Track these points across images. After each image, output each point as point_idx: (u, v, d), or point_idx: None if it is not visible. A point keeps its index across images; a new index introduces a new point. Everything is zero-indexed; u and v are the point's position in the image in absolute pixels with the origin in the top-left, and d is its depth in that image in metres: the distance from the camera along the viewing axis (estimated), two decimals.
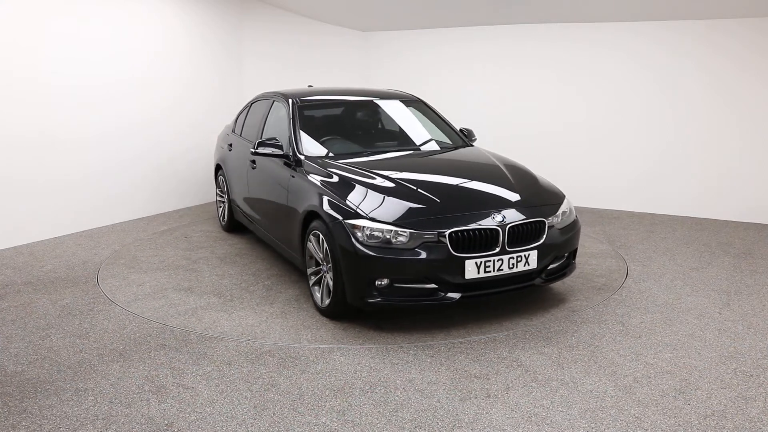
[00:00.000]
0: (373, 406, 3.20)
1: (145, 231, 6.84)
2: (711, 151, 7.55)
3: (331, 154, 5.07)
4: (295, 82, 8.36)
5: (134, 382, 3.44)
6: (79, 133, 6.67)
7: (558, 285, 5.06)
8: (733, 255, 5.98)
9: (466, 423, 3.04)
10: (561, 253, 4.44)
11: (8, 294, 4.87)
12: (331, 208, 4.20)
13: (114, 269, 5.50)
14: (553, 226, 4.33)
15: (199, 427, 3.00)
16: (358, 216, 4.03)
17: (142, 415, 3.11)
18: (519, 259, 4.09)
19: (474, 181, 4.62)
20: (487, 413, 3.12)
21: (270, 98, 6.06)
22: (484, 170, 4.86)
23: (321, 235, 4.23)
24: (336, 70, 9.61)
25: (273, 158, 5.21)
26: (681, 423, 3.04)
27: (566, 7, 7.72)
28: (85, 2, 6.61)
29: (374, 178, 4.46)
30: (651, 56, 7.73)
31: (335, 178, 4.51)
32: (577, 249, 4.68)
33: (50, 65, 6.32)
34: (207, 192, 8.43)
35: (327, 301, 4.28)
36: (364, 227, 3.97)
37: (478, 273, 3.97)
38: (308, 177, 4.66)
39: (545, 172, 8.60)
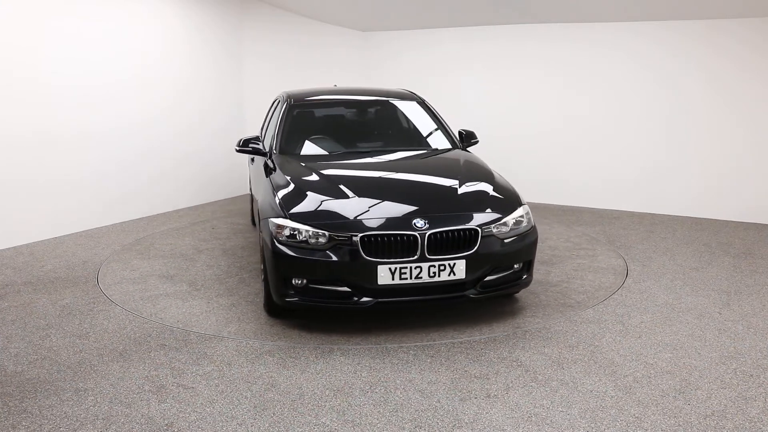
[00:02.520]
0: (373, 406, 3.20)
1: (145, 231, 6.84)
2: (711, 151, 7.56)
3: (303, 154, 5.17)
4: (295, 83, 8.36)
5: (134, 382, 3.44)
6: (80, 133, 6.67)
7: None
8: (733, 255, 5.98)
9: (466, 423, 3.04)
10: (506, 264, 4.15)
11: (8, 294, 4.87)
12: (266, 206, 4.33)
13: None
14: (491, 235, 4.05)
15: (199, 427, 3.00)
16: (280, 215, 4.07)
17: (142, 415, 3.10)
18: (442, 267, 3.88)
19: (417, 187, 4.50)
20: (487, 413, 3.12)
21: (280, 97, 6.15)
22: (438, 176, 4.70)
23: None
24: (336, 70, 9.61)
25: (261, 156, 5.38)
26: (681, 423, 3.04)
27: (566, 7, 7.72)
28: (85, 2, 6.61)
29: (317, 179, 4.48)
30: (651, 56, 7.73)
31: (285, 177, 4.56)
32: (532, 261, 4.36)
33: (50, 65, 6.32)
34: (207, 191, 8.43)
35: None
36: (284, 226, 3.99)
37: (393, 279, 3.83)
38: (271, 174, 4.76)
39: (545, 172, 8.64)
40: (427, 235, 3.86)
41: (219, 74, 8.39)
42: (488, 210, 4.19)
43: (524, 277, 4.32)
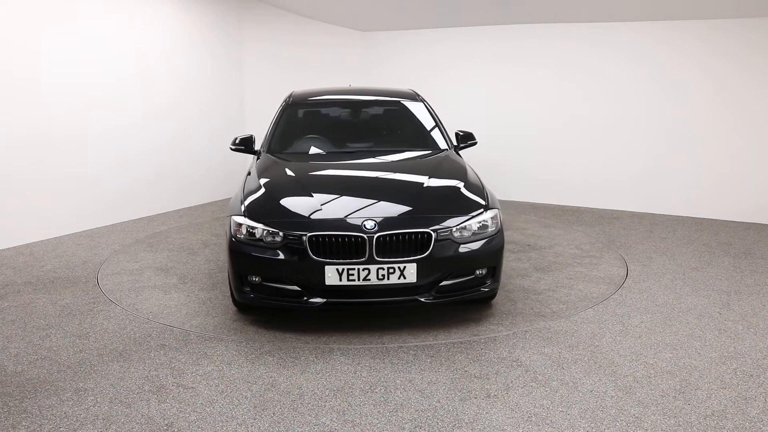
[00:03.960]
0: (373, 406, 3.20)
1: (145, 231, 6.84)
2: (711, 151, 7.56)
3: (289, 153, 5.24)
4: (295, 83, 8.36)
5: (134, 382, 3.44)
6: (80, 132, 6.67)
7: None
8: (733, 255, 5.98)
9: (466, 423, 3.04)
10: (465, 269, 4.06)
11: (8, 294, 4.87)
12: (233, 203, 4.41)
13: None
14: (448, 238, 3.96)
15: (199, 427, 3.00)
16: (240, 213, 4.14)
17: (142, 415, 3.10)
18: (391, 270, 3.84)
19: (382, 188, 4.47)
20: (487, 413, 3.12)
21: (286, 96, 6.19)
22: (406, 178, 4.65)
23: None
24: (335, 70, 9.61)
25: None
26: (681, 423, 3.04)
27: (566, 7, 7.72)
28: (85, 2, 6.61)
29: (284, 179, 4.54)
30: (651, 56, 7.73)
31: (257, 176, 4.64)
32: (496, 267, 4.20)
33: (50, 65, 6.32)
34: (207, 191, 8.43)
35: None
36: (242, 224, 4.06)
37: (340, 280, 3.83)
38: (249, 173, 4.84)
39: (545, 172, 8.64)
40: (375, 237, 3.83)
41: (219, 74, 8.39)
42: (450, 212, 4.11)
43: (487, 282, 4.18)
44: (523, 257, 5.84)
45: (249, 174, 4.84)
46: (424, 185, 4.40)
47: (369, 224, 3.88)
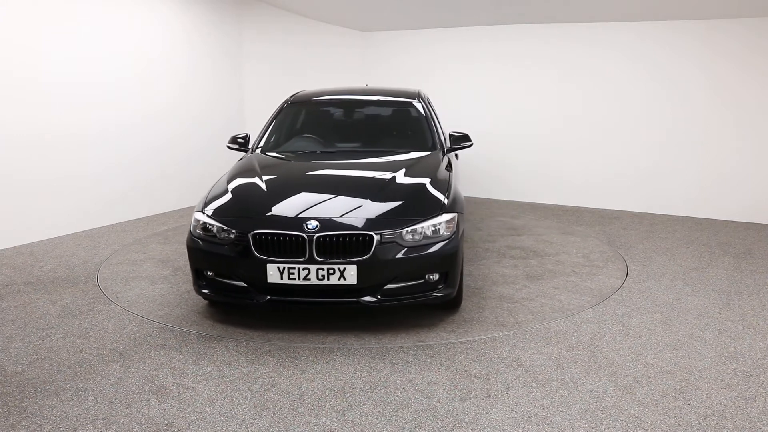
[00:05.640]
0: (373, 406, 3.20)
1: (145, 231, 6.84)
2: (711, 151, 7.56)
3: (275, 152, 5.34)
4: (294, 83, 8.37)
5: (134, 382, 3.44)
6: (79, 132, 6.67)
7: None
8: (733, 255, 5.98)
9: (466, 423, 3.04)
10: (413, 273, 3.97)
11: (8, 294, 4.87)
12: (200, 200, 4.51)
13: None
14: (392, 242, 3.89)
15: (199, 427, 3.00)
16: (199, 209, 4.31)
17: (142, 415, 3.10)
18: (331, 271, 3.83)
19: (338, 189, 4.44)
20: (487, 413, 3.12)
21: None
22: (369, 179, 4.66)
23: None
24: (335, 70, 9.61)
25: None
26: (681, 423, 3.04)
27: (566, 7, 7.72)
28: (85, 2, 6.61)
29: (250, 177, 4.61)
30: (651, 56, 7.74)
31: (229, 173, 4.78)
32: (449, 273, 4.07)
33: (50, 65, 6.32)
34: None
35: None
36: (199, 220, 4.21)
37: (281, 279, 3.87)
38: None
39: (545, 172, 8.64)
40: (315, 237, 3.85)
41: (218, 74, 8.39)
42: (401, 214, 4.06)
43: (439, 287, 4.06)
44: (520, 264, 5.65)
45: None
46: (383, 188, 4.38)
47: (311, 224, 3.91)
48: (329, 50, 9.61)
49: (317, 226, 3.89)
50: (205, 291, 4.19)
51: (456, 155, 6.09)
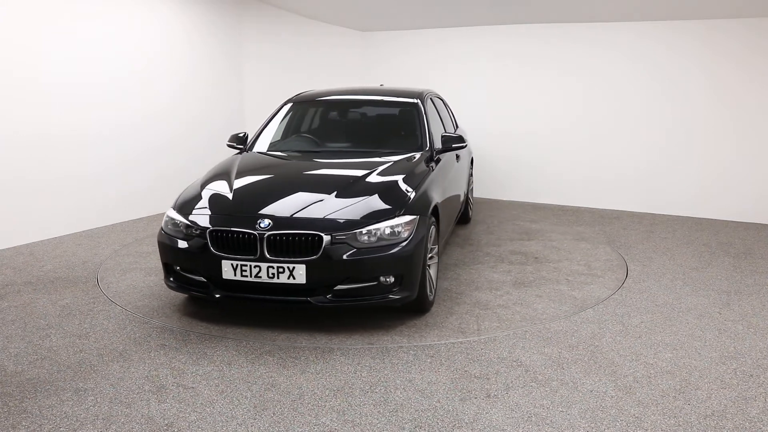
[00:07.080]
0: (373, 406, 3.20)
1: (145, 231, 6.84)
2: (711, 151, 7.56)
3: (265, 151, 5.43)
4: (294, 83, 8.37)
5: (134, 382, 3.44)
6: (79, 132, 6.67)
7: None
8: (733, 255, 5.98)
9: (466, 423, 3.04)
10: (364, 275, 3.93)
11: (8, 294, 4.87)
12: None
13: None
14: (343, 242, 3.87)
15: (199, 427, 3.00)
16: (172, 206, 4.44)
17: (142, 415, 3.10)
18: (281, 270, 3.87)
19: (303, 188, 4.48)
20: (487, 413, 3.12)
21: None
22: (338, 177, 4.69)
23: None
24: (335, 70, 9.61)
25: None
26: (681, 423, 3.04)
27: (566, 7, 7.72)
28: (85, 2, 6.61)
29: (223, 175, 4.70)
30: (651, 56, 7.74)
31: (209, 172, 4.87)
32: (405, 276, 4.00)
33: (50, 65, 6.32)
34: None
35: None
36: (170, 217, 4.34)
37: (235, 275, 3.95)
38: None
39: (545, 172, 8.64)
40: (266, 235, 3.90)
41: (218, 74, 8.39)
42: (357, 215, 4.03)
43: (395, 290, 4.01)
44: (514, 270, 5.49)
45: None
46: (348, 186, 4.36)
47: (264, 223, 3.97)
48: (329, 50, 9.61)
49: (270, 224, 3.96)
50: (172, 284, 4.34)
51: (457, 156, 6.07)
